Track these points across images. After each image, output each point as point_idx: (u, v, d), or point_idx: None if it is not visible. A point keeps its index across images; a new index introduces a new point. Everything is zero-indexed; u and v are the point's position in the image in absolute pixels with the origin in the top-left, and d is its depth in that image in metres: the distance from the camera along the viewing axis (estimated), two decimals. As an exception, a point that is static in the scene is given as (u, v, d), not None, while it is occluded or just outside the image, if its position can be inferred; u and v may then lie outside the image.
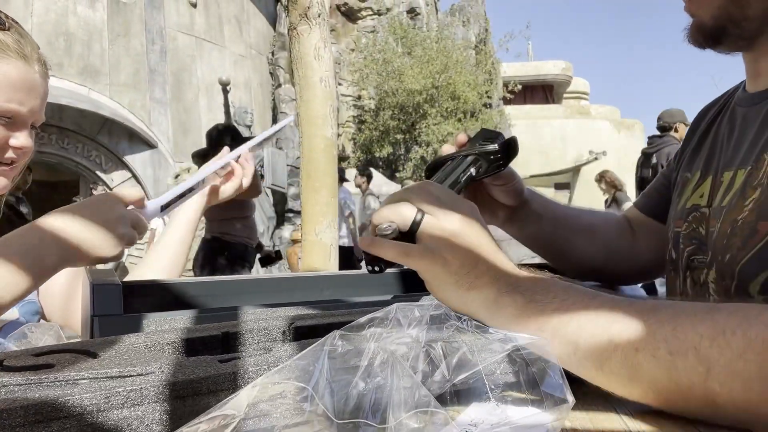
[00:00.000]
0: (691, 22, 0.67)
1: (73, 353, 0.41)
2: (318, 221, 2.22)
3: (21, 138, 0.80)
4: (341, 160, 10.82)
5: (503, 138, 0.69)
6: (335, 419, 0.30)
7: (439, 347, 0.36)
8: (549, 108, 16.74)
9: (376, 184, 7.49)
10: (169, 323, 0.57)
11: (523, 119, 14.98)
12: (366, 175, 6.75)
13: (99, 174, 7.82)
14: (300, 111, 2.24)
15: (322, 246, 2.21)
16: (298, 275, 0.82)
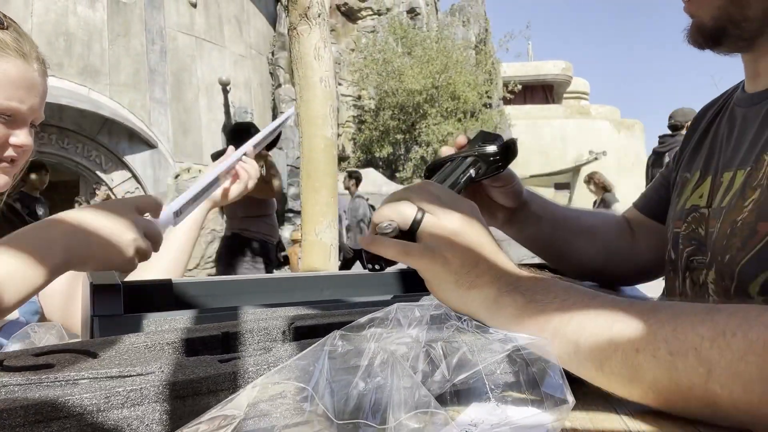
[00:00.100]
0: (691, 22, 0.67)
1: (73, 353, 0.41)
2: (318, 221, 2.22)
3: (21, 136, 0.80)
4: (341, 160, 10.82)
5: (502, 140, 0.69)
6: (335, 419, 0.30)
7: (439, 347, 0.36)
8: (549, 108, 16.75)
9: (376, 184, 7.48)
10: (169, 323, 0.57)
11: (523, 119, 14.99)
12: (355, 178, 6.77)
13: (99, 174, 7.83)
14: (300, 111, 2.24)
15: (322, 246, 2.21)
16: (298, 275, 0.82)
